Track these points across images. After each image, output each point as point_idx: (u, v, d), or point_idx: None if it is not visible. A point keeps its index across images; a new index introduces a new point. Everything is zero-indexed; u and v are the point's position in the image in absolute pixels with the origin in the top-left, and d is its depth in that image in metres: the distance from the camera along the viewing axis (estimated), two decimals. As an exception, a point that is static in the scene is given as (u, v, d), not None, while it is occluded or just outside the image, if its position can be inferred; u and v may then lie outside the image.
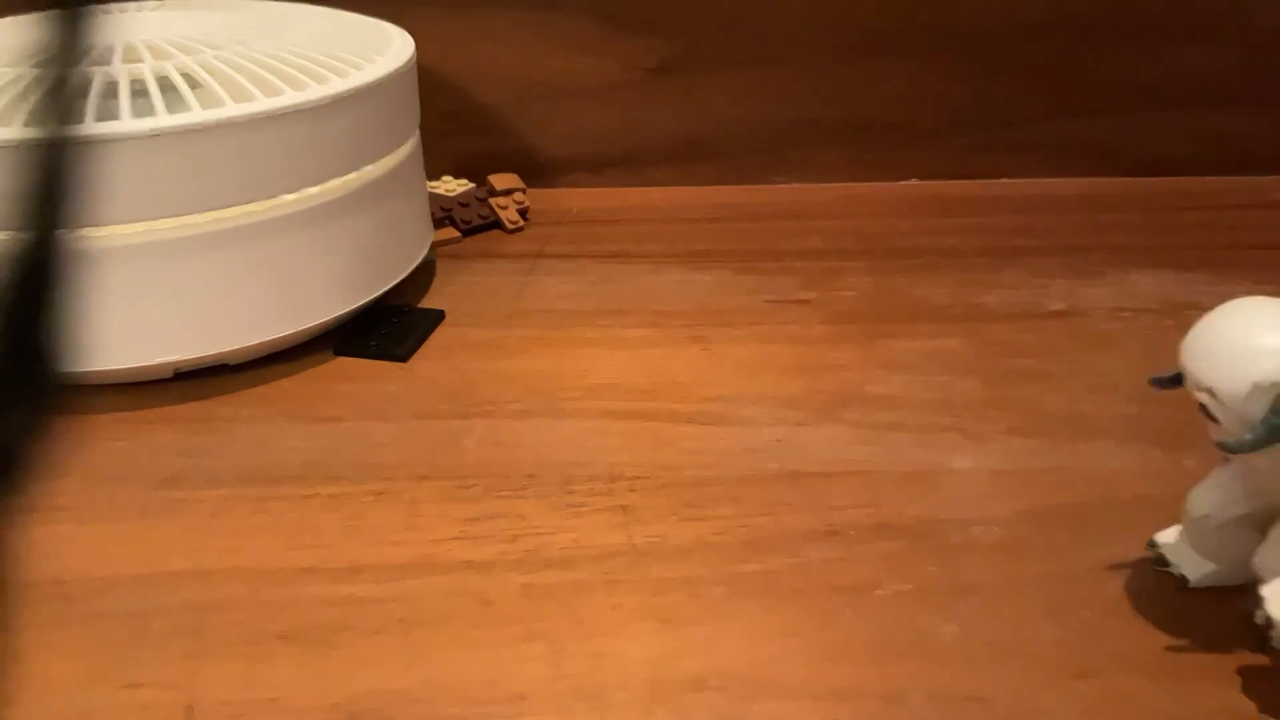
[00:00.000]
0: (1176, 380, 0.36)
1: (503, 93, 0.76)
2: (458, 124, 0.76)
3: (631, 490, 0.46)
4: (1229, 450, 0.34)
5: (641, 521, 0.44)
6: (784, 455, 0.48)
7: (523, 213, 0.72)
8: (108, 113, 0.48)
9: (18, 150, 0.44)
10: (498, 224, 0.71)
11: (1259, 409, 0.33)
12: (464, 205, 0.71)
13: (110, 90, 0.50)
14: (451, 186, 0.73)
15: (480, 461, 0.48)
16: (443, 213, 0.69)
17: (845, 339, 0.58)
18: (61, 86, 0.12)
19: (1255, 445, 0.33)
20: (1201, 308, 0.61)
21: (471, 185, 0.73)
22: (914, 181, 0.79)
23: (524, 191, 0.73)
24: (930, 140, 0.78)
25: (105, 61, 0.52)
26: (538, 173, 0.77)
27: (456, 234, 0.69)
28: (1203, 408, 0.35)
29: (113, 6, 0.62)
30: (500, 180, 0.72)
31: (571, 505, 0.45)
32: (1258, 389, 0.33)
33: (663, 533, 0.43)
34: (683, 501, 0.45)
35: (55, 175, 0.12)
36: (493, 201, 0.71)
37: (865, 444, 0.49)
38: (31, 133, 0.14)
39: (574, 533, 0.43)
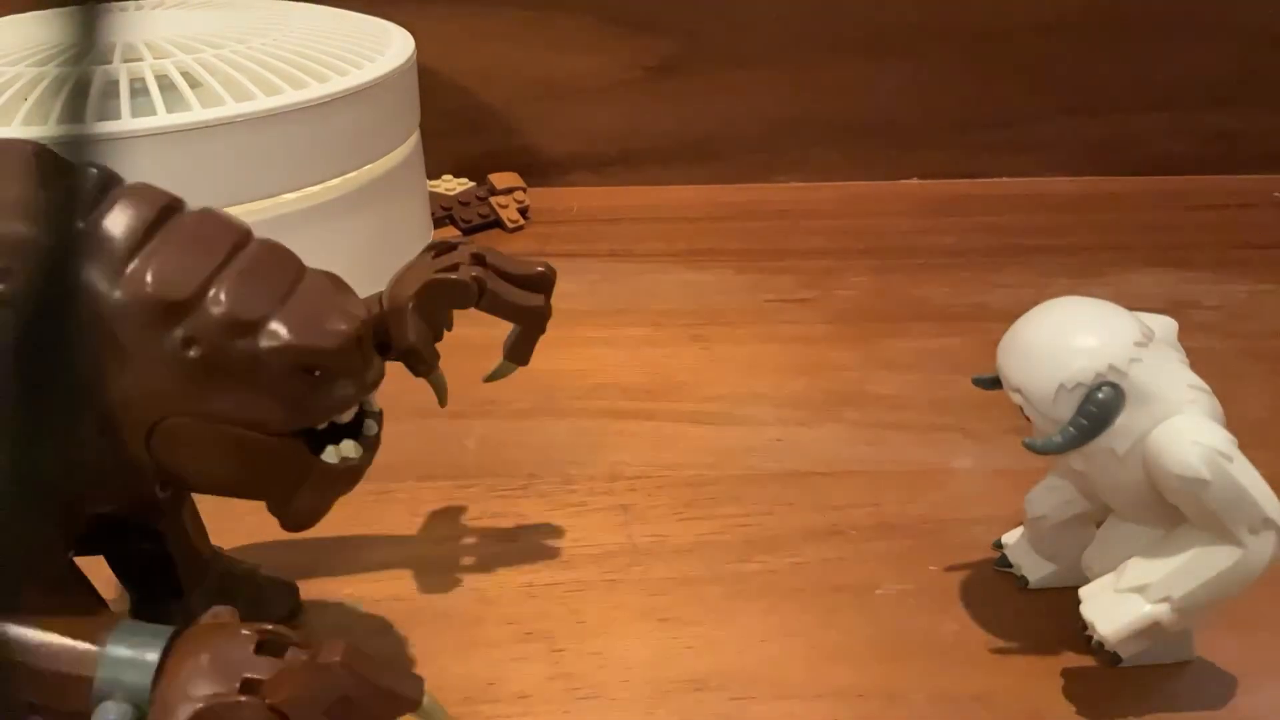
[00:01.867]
0: (996, 381, 0.35)
1: (504, 92, 0.76)
2: (458, 123, 0.76)
3: (631, 490, 0.46)
4: (1035, 451, 0.33)
5: (642, 521, 0.44)
6: (784, 455, 0.48)
7: (523, 211, 0.72)
8: (107, 112, 0.48)
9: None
10: (498, 223, 0.70)
11: (1066, 411, 0.32)
12: (464, 204, 0.70)
13: (110, 89, 0.50)
14: (452, 185, 0.73)
15: (480, 461, 0.48)
16: (443, 211, 0.69)
17: (845, 338, 0.58)
18: (78, 85, 0.13)
19: (1061, 448, 0.32)
20: (1203, 306, 0.62)
21: (472, 184, 0.73)
22: (914, 180, 0.79)
23: (524, 190, 0.73)
24: (931, 139, 0.78)
25: (104, 60, 0.52)
26: (539, 172, 0.76)
27: (457, 233, 0.69)
28: (1021, 408, 0.34)
29: (114, 5, 0.62)
30: (501, 179, 0.72)
31: (572, 505, 0.45)
32: (1063, 390, 0.32)
33: (663, 532, 0.43)
34: (683, 501, 0.45)
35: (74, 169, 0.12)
36: (493, 200, 0.71)
37: (866, 444, 0.49)
38: (44, 132, 0.14)
39: (574, 532, 0.43)
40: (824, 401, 0.52)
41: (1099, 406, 0.32)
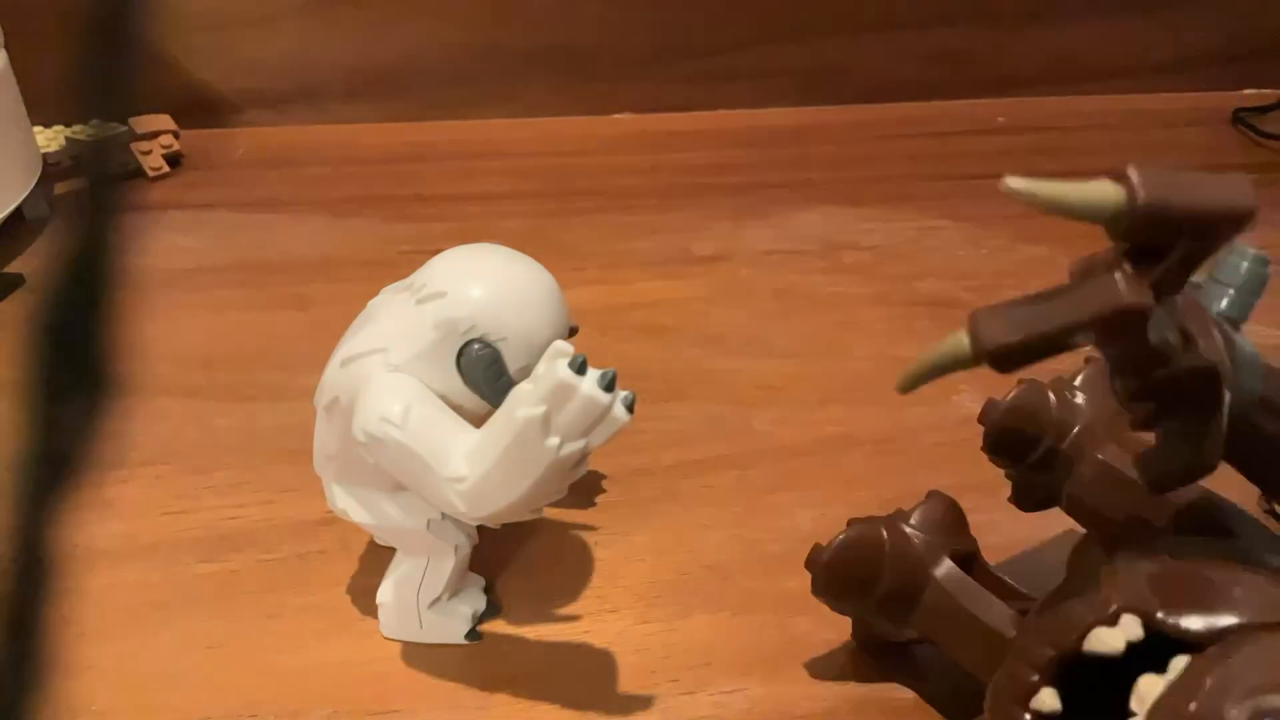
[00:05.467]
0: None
1: (156, 24, 0.68)
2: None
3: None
4: None
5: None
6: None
7: (172, 158, 0.65)
8: None
9: None
10: (140, 171, 0.64)
11: None
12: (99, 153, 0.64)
13: None
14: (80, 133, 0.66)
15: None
16: (71, 161, 0.63)
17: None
18: None
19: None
20: (860, 247, 0.58)
21: (123, 129, 0.66)
22: (626, 115, 0.74)
23: (175, 135, 0.66)
24: (642, 70, 0.73)
25: None
26: (206, 111, 0.70)
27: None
28: None
29: None
30: (145, 122, 0.65)
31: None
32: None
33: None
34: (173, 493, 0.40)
35: None
36: (134, 146, 0.64)
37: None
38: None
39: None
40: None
41: None
